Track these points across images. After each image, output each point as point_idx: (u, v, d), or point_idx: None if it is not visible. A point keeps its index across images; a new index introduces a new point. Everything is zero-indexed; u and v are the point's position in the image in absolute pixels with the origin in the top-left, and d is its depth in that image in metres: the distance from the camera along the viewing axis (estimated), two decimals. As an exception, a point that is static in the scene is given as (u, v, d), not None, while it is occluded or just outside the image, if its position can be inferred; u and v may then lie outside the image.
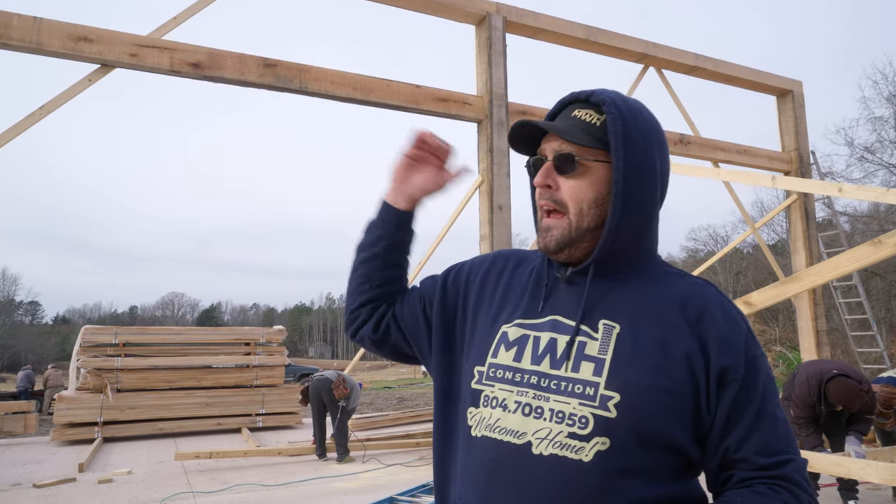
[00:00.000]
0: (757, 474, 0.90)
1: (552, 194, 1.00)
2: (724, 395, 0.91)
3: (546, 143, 1.02)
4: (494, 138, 6.99)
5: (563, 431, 0.89)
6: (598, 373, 0.91)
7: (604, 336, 0.93)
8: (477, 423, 0.97)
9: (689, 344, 0.92)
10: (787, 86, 9.64)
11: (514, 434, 0.91)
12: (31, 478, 6.45)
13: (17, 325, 58.74)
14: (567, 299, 1.00)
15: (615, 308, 0.96)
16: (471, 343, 1.07)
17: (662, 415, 0.89)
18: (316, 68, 6.28)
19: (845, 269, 3.21)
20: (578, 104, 1.02)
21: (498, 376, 0.97)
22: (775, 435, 0.91)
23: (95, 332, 10.10)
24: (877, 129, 22.59)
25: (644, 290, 0.98)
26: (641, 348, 0.92)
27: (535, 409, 0.92)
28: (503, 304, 1.06)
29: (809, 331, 9.08)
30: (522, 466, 0.89)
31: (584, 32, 7.83)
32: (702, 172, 5.41)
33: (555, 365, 0.94)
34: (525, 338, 0.98)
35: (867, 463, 3.93)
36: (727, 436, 0.91)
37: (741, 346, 0.93)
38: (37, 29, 5.21)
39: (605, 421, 0.88)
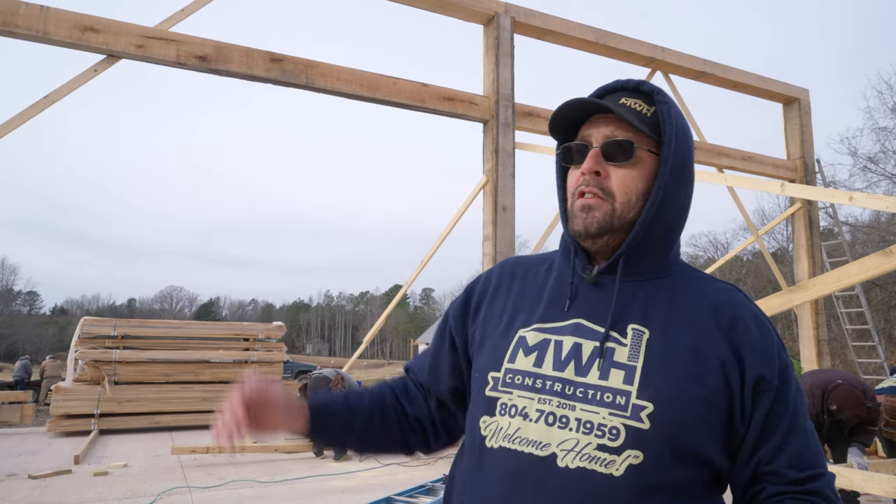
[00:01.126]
0: (788, 488, 0.86)
1: (600, 182, 0.93)
2: (759, 405, 0.87)
3: (593, 129, 0.95)
4: (500, 138, 6.95)
5: (592, 443, 0.83)
6: (629, 381, 0.85)
7: (633, 342, 0.88)
8: (493, 433, 0.90)
9: (722, 351, 0.88)
10: (793, 93, 9.61)
11: (536, 445, 0.85)
12: (27, 468, 6.41)
13: (15, 315, 58.70)
14: (592, 302, 0.94)
15: (644, 312, 0.91)
16: (481, 349, 1.00)
17: (698, 426, 0.84)
18: (323, 64, 6.25)
19: (853, 279, 3.18)
20: (626, 92, 0.97)
21: (517, 382, 0.90)
22: (807, 448, 0.88)
23: (94, 323, 10.07)
24: (881, 139, 22.52)
25: (673, 293, 0.94)
26: (674, 355, 0.87)
27: (560, 418, 0.85)
28: (517, 310, 1.00)
29: (811, 339, 9.05)
30: (546, 480, 0.83)
31: (593, 35, 7.80)
32: (710, 178, 5.38)
33: (580, 372, 0.88)
34: (546, 342, 0.92)
35: (869, 475, 3.90)
36: (760, 448, 0.87)
37: (775, 355, 0.90)
38: (43, 17, 5.17)
39: (637, 432, 0.82)
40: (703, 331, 0.89)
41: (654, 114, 0.95)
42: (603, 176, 0.93)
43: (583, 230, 0.93)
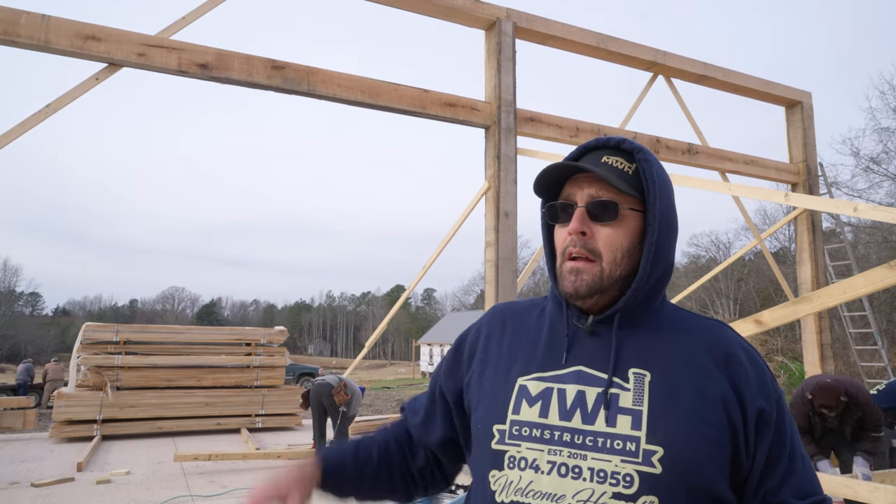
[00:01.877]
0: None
1: (586, 242, 0.95)
2: (761, 438, 0.89)
3: (576, 188, 0.97)
4: (502, 144, 6.94)
5: (608, 492, 0.83)
6: (636, 426, 0.86)
7: (636, 386, 0.89)
8: (502, 488, 0.89)
9: (722, 388, 0.89)
10: (796, 97, 9.59)
11: (551, 498, 0.85)
12: (30, 476, 6.42)
13: (17, 316, 58.79)
14: (591, 349, 0.95)
15: (643, 355, 0.92)
16: (480, 399, 0.99)
17: (708, 465, 0.85)
18: (324, 71, 6.24)
19: (860, 291, 3.16)
20: (607, 151, 0.99)
21: (524, 434, 0.90)
22: (805, 476, 0.91)
23: (97, 329, 10.07)
24: (883, 139, 22.49)
25: (667, 335, 0.95)
26: (677, 396, 0.88)
27: (573, 468, 0.85)
28: (514, 358, 0.99)
29: (814, 344, 9.03)
30: None
31: (594, 39, 7.78)
32: (714, 187, 5.37)
33: (587, 420, 0.88)
34: (549, 391, 0.92)
35: (875, 486, 3.88)
36: (766, 480, 0.89)
37: (770, 388, 0.92)
38: (45, 27, 5.17)
39: (651, 478, 0.83)
40: (702, 369, 0.91)
41: (636, 171, 0.97)
42: (589, 236, 0.95)
43: (573, 292, 0.95)
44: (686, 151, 8.40)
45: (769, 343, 21.79)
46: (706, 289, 36.98)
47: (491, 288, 6.81)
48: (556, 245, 1.00)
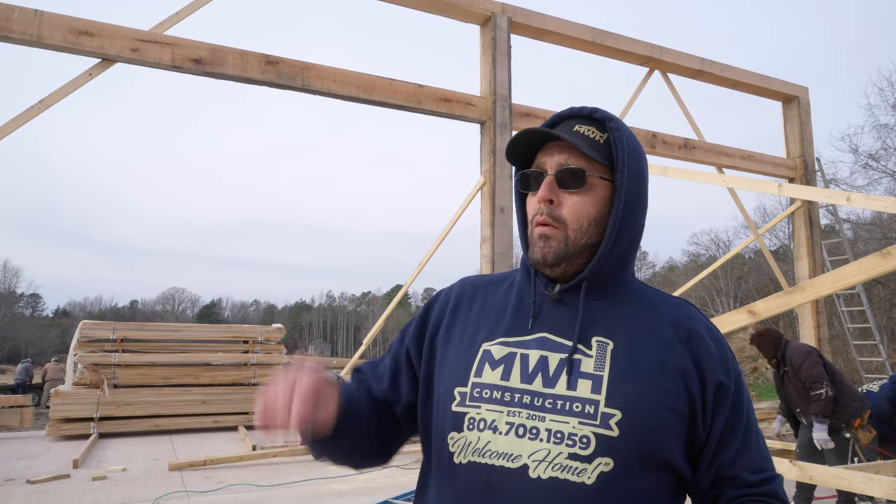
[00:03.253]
0: (746, 491, 0.90)
1: (552, 210, 0.95)
2: (719, 412, 0.91)
3: (547, 156, 0.97)
4: (497, 139, 6.93)
5: (563, 452, 0.84)
6: (596, 390, 0.87)
7: (598, 353, 0.90)
8: (461, 449, 0.89)
9: (683, 361, 0.91)
10: (792, 92, 9.57)
11: (507, 457, 0.85)
12: (26, 473, 6.41)
13: (17, 318, 58.75)
14: (556, 317, 0.96)
15: (607, 325, 0.94)
16: (443, 364, 0.99)
17: (664, 432, 0.87)
18: (318, 66, 6.23)
19: (851, 280, 3.15)
20: (580, 120, 0.99)
21: (484, 396, 0.90)
22: (759, 452, 0.93)
23: (93, 327, 10.06)
24: (882, 136, 22.46)
25: (632, 307, 0.97)
26: (638, 364, 0.89)
27: (530, 429, 0.86)
28: (479, 325, 1.00)
29: (812, 338, 9.02)
30: (519, 491, 0.83)
31: (590, 35, 7.77)
32: (708, 179, 5.35)
33: (548, 383, 0.89)
34: (512, 355, 0.93)
35: (870, 476, 3.87)
36: (720, 453, 0.91)
37: (729, 364, 0.94)
38: (38, 22, 5.16)
39: (607, 440, 0.84)
40: (664, 342, 0.92)
41: (607, 140, 0.97)
42: (556, 204, 0.95)
43: (541, 259, 0.95)
44: (682, 146, 8.39)
45: (768, 340, 21.79)
46: (706, 286, 36.97)
47: (487, 283, 6.79)
48: (528, 213, 1.00)
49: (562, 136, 0.94)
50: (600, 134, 0.97)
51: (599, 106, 1.00)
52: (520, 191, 1.03)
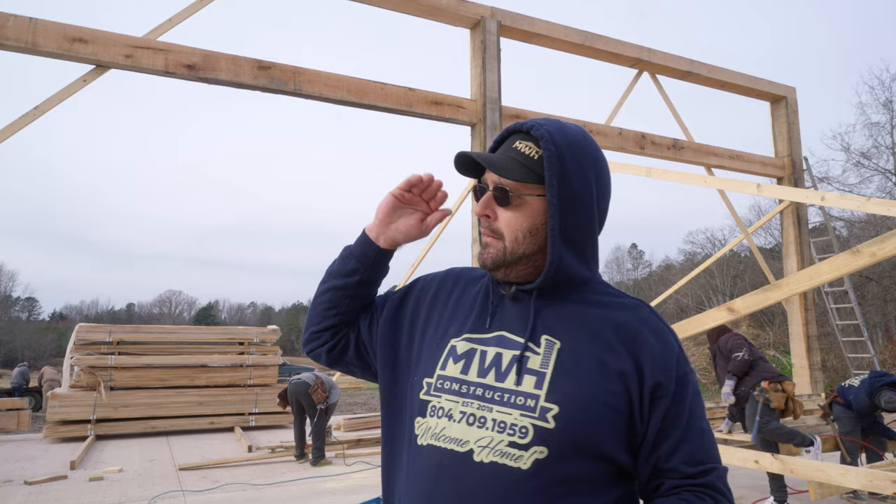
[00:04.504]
0: (684, 482, 0.97)
1: (490, 223, 1.05)
2: (656, 408, 0.97)
3: (489, 173, 1.06)
4: (488, 142, 7.03)
5: (504, 440, 0.93)
6: (539, 386, 0.96)
7: (545, 351, 0.99)
8: (423, 433, 1.01)
9: (623, 362, 0.98)
10: (780, 92, 9.69)
11: (457, 442, 0.96)
12: (23, 475, 6.47)
13: (13, 322, 58.53)
14: (513, 316, 1.05)
15: (557, 326, 1.01)
16: (419, 355, 1.10)
17: (597, 426, 0.94)
18: (310, 70, 6.32)
19: (825, 277, 3.25)
20: (520, 136, 1.06)
21: (445, 387, 1.02)
22: (701, 446, 0.98)
23: (89, 329, 10.12)
24: (873, 134, 22.64)
25: (583, 310, 1.04)
26: (580, 364, 0.97)
27: (479, 418, 0.96)
28: (452, 319, 1.10)
29: (800, 336, 9.14)
30: (464, 473, 0.94)
31: (578, 37, 7.87)
32: (690, 179, 5.46)
33: (499, 378, 0.98)
34: (472, 351, 1.03)
35: (846, 469, 3.98)
36: (659, 447, 0.97)
37: (672, 365, 0.99)
38: (32, 29, 5.24)
39: (543, 431, 0.93)
40: (607, 344, 0.99)
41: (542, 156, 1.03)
42: (493, 218, 1.05)
43: (482, 264, 1.07)
44: (671, 147, 8.50)
45: (761, 337, 21.89)
46: (702, 285, 37.07)
47: (478, 283, 6.89)
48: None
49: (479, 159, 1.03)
50: (537, 150, 1.03)
51: (578, 119, 1.08)
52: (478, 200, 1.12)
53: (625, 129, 8.22)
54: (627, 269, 64.11)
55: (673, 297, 34.94)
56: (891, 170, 22.84)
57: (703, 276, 37.26)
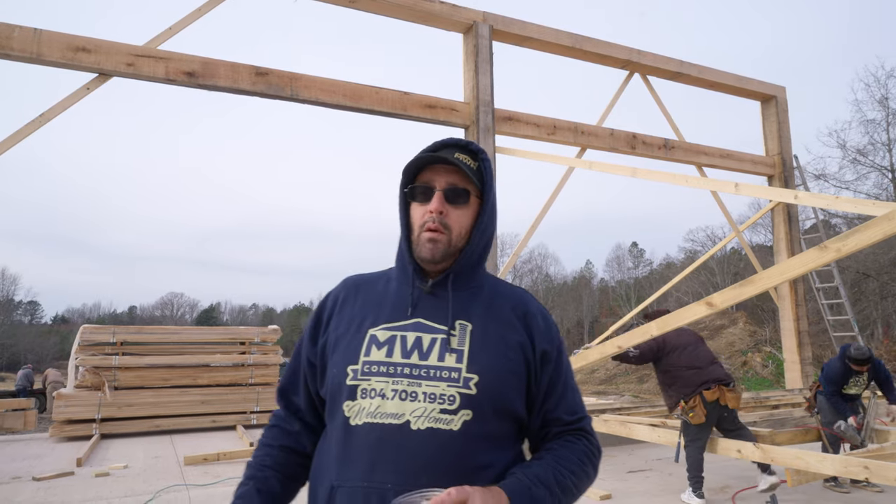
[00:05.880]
0: (565, 428, 1.23)
1: (442, 219, 1.22)
2: (544, 371, 1.22)
3: (435, 175, 1.24)
4: (481, 143, 7.20)
5: (436, 409, 1.11)
6: (459, 360, 1.15)
7: (461, 333, 1.19)
8: (356, 414, 1.14)
9: (520, 336, 1.22)
10: (770, 91, 9.85)
11: (394, 416, 1.11)
12: (31, 472, 6.64)
13: (16, 325, 58.80)
14: (430, 306, 1.23)
15: (466, 311, 1.22)
16: (336, 350, 1.22)
17: (508, 389, 1.17)
18: (307, 76, 6.49)
19: (796, 271, 3.41)
20: (458, 149, 1.27)
21: (373, 371, 1.15)
22: (574, 400, 1.26)
23: (94, 331, 10.30)
24: (869, 131, 22.79)
25: (486, 296, 1.26)
26: (489, 340, 1.19)
27: (410, 393, 1.12)
28: (365, 315, 1.24)
29: (791, 331, 9.30)
30: (403, 441, 1.10)
31: (569, 40, 8.04)
32: (673, 179, 5.62)
33: (423, 357, 1.16)
34: (393, 338, 1.19)
35: (822, 456, 4.15)
36: (546, 401, 1.22)
37: (554, 337, 1.26)
38: (37, 40, 5.42)
39: (468, 397, 1.12)
40: (508, 322, 1.23)
41: (478, 168, 1.27)
42: (445, 214, 1.22)
43: (430, 257, 1.22)
44: (662, 146, 8.67)
45: (758, 334, 22.03)
46: (702, 283, 37.23)
47: (473, 282, 7.06)
48: (414, 219, 1.25)
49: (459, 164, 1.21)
50: (473, 161, 1.26)
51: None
52: (408, 200, 1.27)
53: (616, 129, 8.39)
54: (628, 268, 64.26)
55: (674, 294, 35.14)
56: (887, 166, 22.98)
57: (703, 274, 37.44)
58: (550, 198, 8.07)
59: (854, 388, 5.19)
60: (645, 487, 5.44)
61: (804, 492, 5.14)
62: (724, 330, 22.51)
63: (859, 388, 5.20)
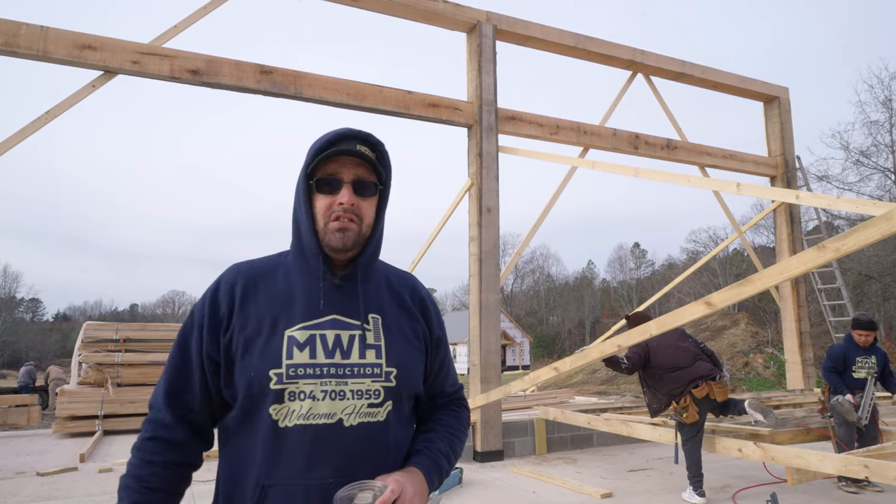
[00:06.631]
0: (448, 399, 1.42)
1: (353, 209, 1.23)
2: (437, 354, 1.37)
3: (342, 167, 1.24)
4: (484, 143, 7.22)
5: (364, 404, 1.18)
6: (379, 356, 1.22)
7: (375, 326, 1.24)
8: (285, 416, 1.14)
9: (420, 324, 1.33)
10: (773, 92, 9.86)
11: (327, 416, 1.15)
12: (35, 467, 6.68)
13: (18, 323, 58.94)
14: (342, 300, 1.24)
15: (375, 303, 1.28)
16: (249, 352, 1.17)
17: (417, 375, 1.29)
18: (310, 75, 6.51)
19: (795, 271, 3.42)
20: (360, 141, 1.27)
21: (299, 374, 1.15)
22: (453, 373, 1.45)
23: (97, 328, 10.35)
24: (872, 132, 22.72)
25: (385, 286, 1.33)
26: (398, 332, 1.28)
27: (339, 392, 1.17)
28: (276, 314, 1.20)
29: (793, 332, 9.31)
30: (338, 438, 1.15)
31: (572, 40, 8.06)
32: (675, 179, 5.63)
33: (345, 356, 1.19)
34: (313, 337, 1.19)
35: (823, 455, 4.16)
36: (437, 378, 1.38)
37: (441, 321, 1.41)
38: (43, 37, 5.45)
39: (389, 389, 1.22)
40: (410, 311, 1.33)
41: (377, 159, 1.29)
42: (355, 206, 1.24)
43: (341, 246, 1.22)
44: (665, 147, 8.68)
45: (760, 335, 22.02)
46: (704, 284, 37.18)
47: (475, 281, 7.08)
48: (319, 210, 1.24)
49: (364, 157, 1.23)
50: (372, 154, 1.27)
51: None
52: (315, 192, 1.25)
53: (619, 129, 8.40)
54: (630, 269, 64.23)
55: (676, 295, 35.10)
56: (890, 168, 22.94)
57: (706, 275, 37.41)
58: (553, 198, 8.09)
59: (862, 372, 5.13)
60: (646, 486, 5.46)
61: (805, 491, 5.16)
62: (726, 331, 22.51)
63: (868, 371, 5.13)
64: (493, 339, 6.93)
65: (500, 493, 5.34)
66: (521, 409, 10.75)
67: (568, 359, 4.84)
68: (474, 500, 5.08)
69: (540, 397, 12.15)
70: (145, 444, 1.21)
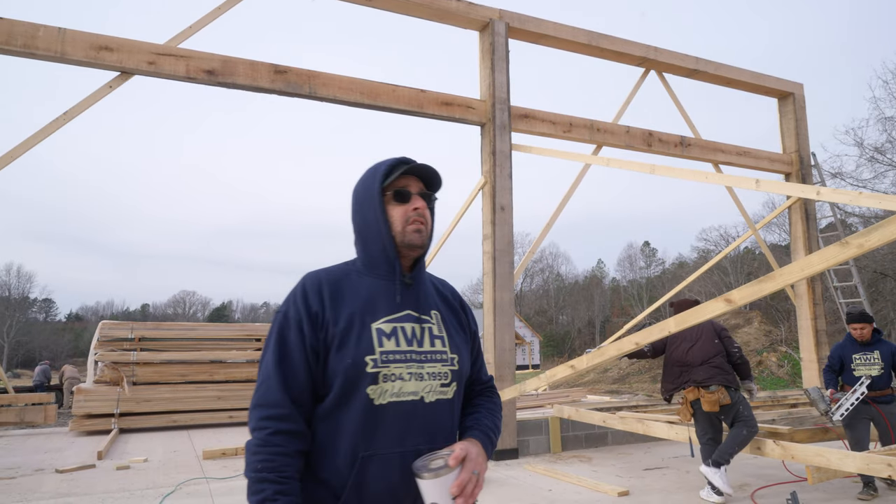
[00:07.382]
0: (484, 387, 1.65)
1: (424, 214, 1.50)
2: (475, 346, 1.63)
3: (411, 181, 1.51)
4: (497, 141, 7.21)
5: (438, 384, 1.44)
6: (444, 345, 1.48)
7: (437, 320, 1.51)
8: (379, 395, 1.35)
9: (463, 320, 1.61)
10: (787, 88, 9.78)
11: (413, 394, 1.40)
12: (53, 464, 6.75)
13: (31, 323, 59.56)
14: (411, 297, 1.49)
15: (432, 301, 1.54)
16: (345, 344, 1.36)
17: (468, 362, 1.56)
18: (325, 74, 6.53)
19: (816, 268, 3.39)
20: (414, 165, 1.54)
21: (390, 359, 1.38)
22: (486, 366, 1.70)
23: (112, 327, 10.44)
24: (887, 129, 22.43)
25: (433, 287, 1.60)
26: (452, 325, 1.54)
27: (418, 374, 1.41)
28: (363, 311, 1.42)
29: (809, 330, 9.24)
30: (422, 412, 1.40)
31: (585, 37, 8.03)
32: (693, 176, 5.60)
33: (420, 344, 1.44)
34: (395, 329, 1.43)
35: (845, 453, 4.12)
36: (474, 367, 1.62)
37: (475, 319, 1.67)
38: (61, 39, 5.50)
39: (454, 372, 1.48)
40: (454, 309, 1.60)
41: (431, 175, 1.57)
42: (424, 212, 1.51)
43: (420, 242, 1.49)
44: (678, 144, 8.63)
45: (773, 333, 21.86)
46: (716, 283, 36.97)
47: (489, 279, 7.08)
48: (396, 217, 1.47)
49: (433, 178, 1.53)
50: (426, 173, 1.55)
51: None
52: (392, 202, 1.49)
53: (632, 126, 8.37)
54: (640, 267, 63.95)
55: (686, 294, 34.94)
56: (904, 164, 22.67)
57: (717, 274, 37.18)
58: (566, 196, 8.06)
59: (862, 369, 5.02)
60: (662, 485, 5.44)
61: (825, 490, 5.11)
62: (740, 329, 22.36)
63: (868, 368, 5.00)
64: (507, 338, 6.92)
65: (516, 490, 5.34)
66: (534, 408, 10.73)
67: (585, 357, 4.82)
68: (490, 498, 5.08)
69: (552, 396, 12.13)
70: (272, 439, 1.32)
